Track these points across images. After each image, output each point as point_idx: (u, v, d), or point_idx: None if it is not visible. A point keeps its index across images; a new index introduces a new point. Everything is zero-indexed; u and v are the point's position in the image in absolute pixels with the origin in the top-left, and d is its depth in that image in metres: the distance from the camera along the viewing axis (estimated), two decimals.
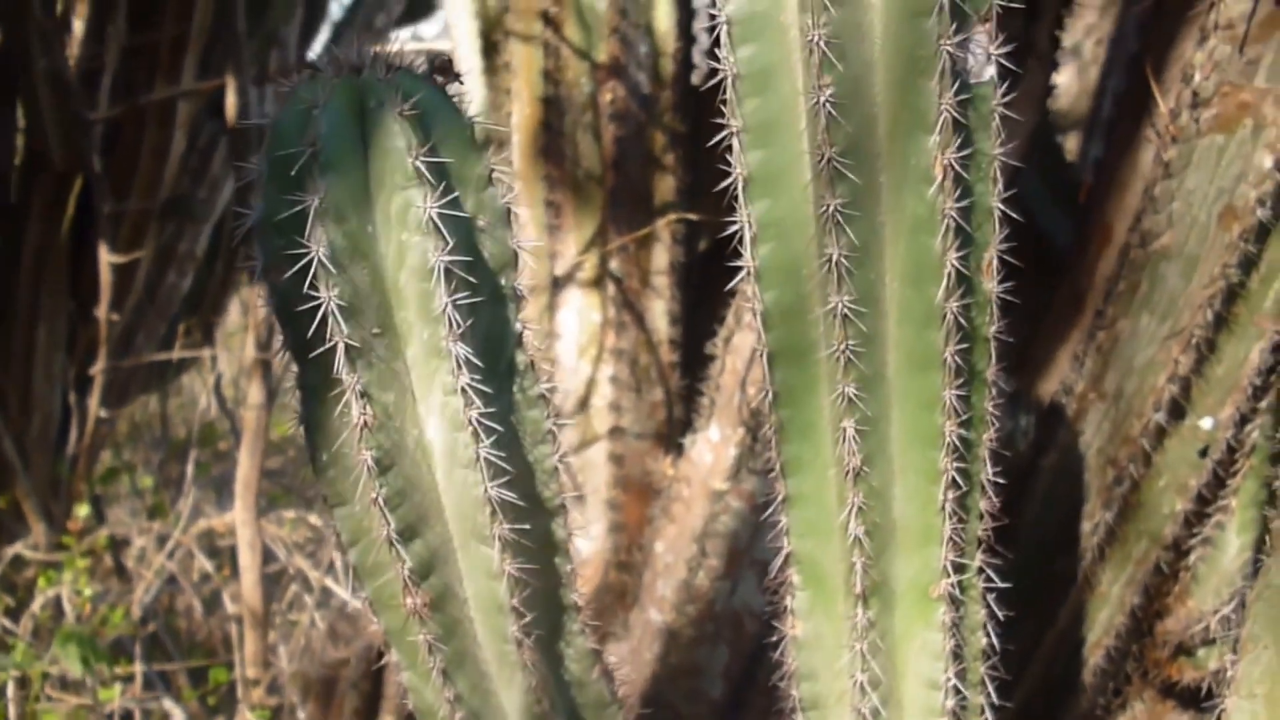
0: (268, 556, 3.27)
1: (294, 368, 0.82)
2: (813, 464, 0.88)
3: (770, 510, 0.92)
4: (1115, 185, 1.46)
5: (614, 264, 1.79)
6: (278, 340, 0.83)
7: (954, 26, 0.76)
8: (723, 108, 0.82)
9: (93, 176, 2.90)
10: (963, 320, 0.83)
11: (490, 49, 2.11)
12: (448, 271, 0.76)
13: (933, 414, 0.85)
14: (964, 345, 0.84)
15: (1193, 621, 1.51)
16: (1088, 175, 1.51)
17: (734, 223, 0.82)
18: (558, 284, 1.81)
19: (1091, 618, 1.57)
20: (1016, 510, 1.58)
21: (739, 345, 1.51)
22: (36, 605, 2.71)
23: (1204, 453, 1.48)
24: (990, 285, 0.86)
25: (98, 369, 3.17)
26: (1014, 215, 0.85)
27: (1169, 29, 1.34)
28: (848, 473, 0.86)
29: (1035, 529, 1.59)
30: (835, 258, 0.80)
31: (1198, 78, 1.32)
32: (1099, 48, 2.55)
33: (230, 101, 2.76)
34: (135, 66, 3.06)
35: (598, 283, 1.80)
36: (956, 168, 0.78)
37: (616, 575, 1.78)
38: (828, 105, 0.77)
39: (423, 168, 0.75)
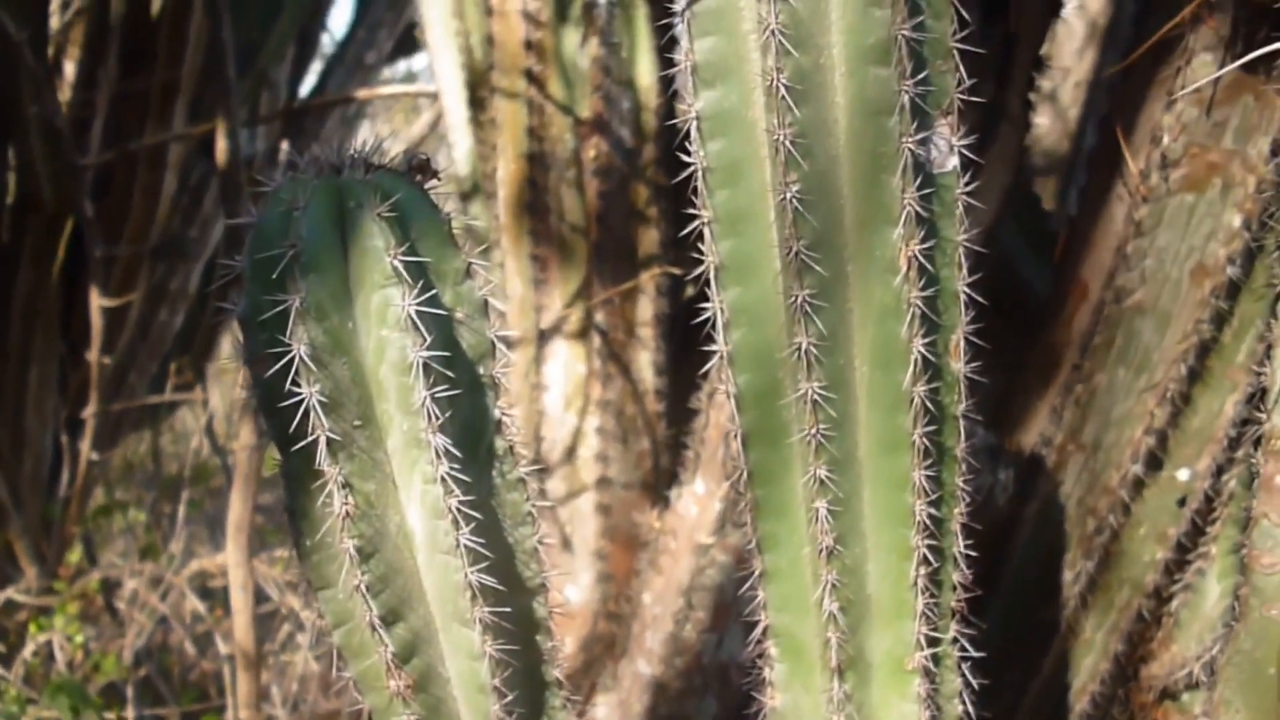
0: (260, 596, 3.27)
1: (278, 457, 0.83)
2: (788, 541, 0.90)
3: (749, 583, 0.94)
4: (1089, 242, 1.48)
5: (599, 316, 1.81)
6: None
7: (914, 125, 0.78)
8: (694, 199, 0.84)
9: (84, 221, 2.92)
10: (930, 403, 0.85)
11: (476, 102, 2.14)
12: (426, 366, 0.78)
13: (903, 493, 0.87)
14: (932, 427, 0.86)
15: (1176, 666, 1.52)
16: (1063, 231, 1.54)
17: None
18: (544, 336, 1.83)
19: (1076, 664, 1.59)
20: (999, 560, 1.60)
21: (723, 401, 1.53)
22: (28, 651, 2.71)
23: (1182, 502, 1.50)
24: (958, 366, 0.88)
25: (90, 412, 3.18)
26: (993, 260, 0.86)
27: (1137, 91, 1.37)
28: (821, 551, 0.88)
29: (1018, 578, 1.61)
30: (804, 346, 0.82)
31: (1166, 139, 1.35)
32: (1077, 90, 2.59)
33: (220, 146, 2.79)
34: (126, 110, 3.09)
35: (583, 335, 1.82)
36: (921, 259, 0.81)
37: (605, 625, 1.80)
38: (794, 200, 0.79)
39: (400, 266, 0.77)
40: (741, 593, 0.95)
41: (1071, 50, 2.61)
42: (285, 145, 3.85)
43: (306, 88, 3.87)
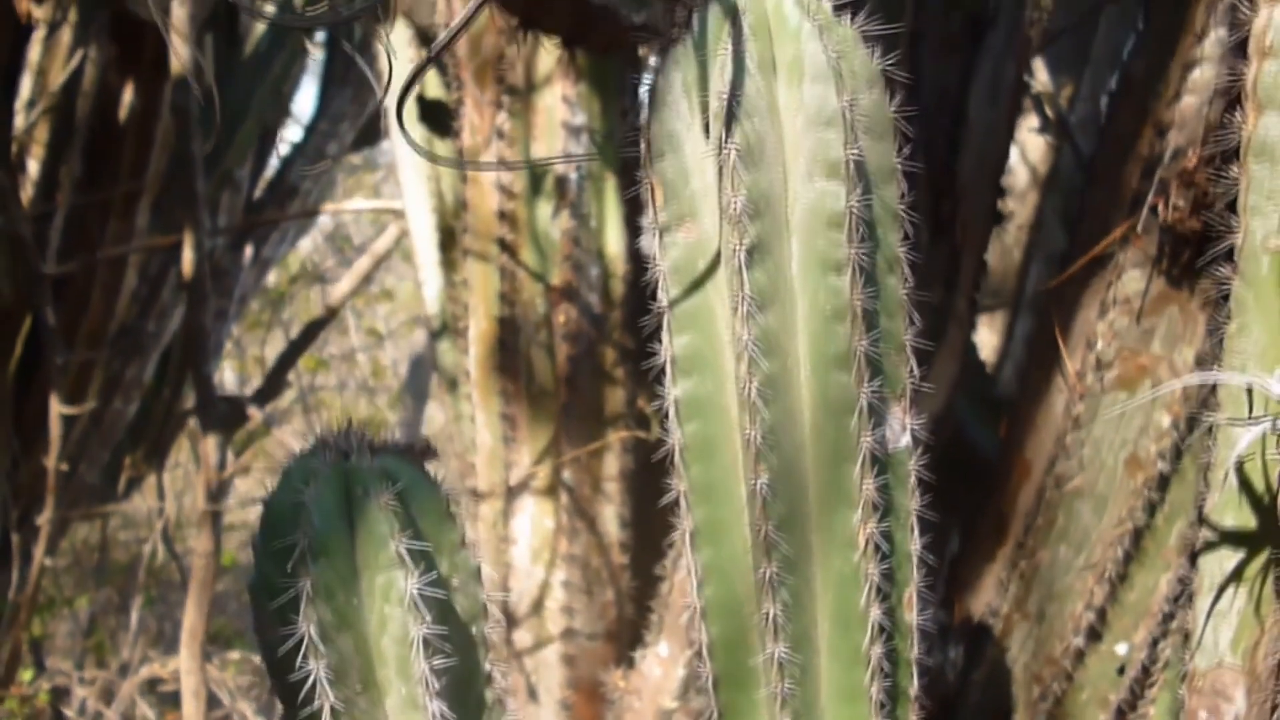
0: (212, 701, 3.27)
1: (282, 710, 0.89)
2: None
3: None
4: (1031, 425, 1.58)
5: (567, 473, 1.88)
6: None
7: (872, 423, 0.87)
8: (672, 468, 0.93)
9: (45, 328, 2.93)
10: (886, 661, 0.93)
11: (446, 245, 2.22)
12: (425, 641, 0.85)
13: None
14: (889, 680, 0.94)
15: None
16: (1006, 412, 1.64)
17: None
18: (512, 492, 1.89)
19: None
20: None
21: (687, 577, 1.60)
22: None
23: (1121, 670, 1.59)
24: (910, 617, 0.96)
25: (44, 518, 3.18)
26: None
27: (1073, 296, 1.48)
28: None
29: None
30: (772, 613, 0.90)
31: (1100, 344, 1.46)
32: (1021, 232, 2.72)
33: (186, 257, 2.84)
34: (89, 211, 3.11)
35: (551, 491, 1.89)
36: (877, 538, 0.89)
37: None
38: (763, 488, 0.87)
39: (404, 552, 0.84)
40: None
41: (1016, 195, 2.76)
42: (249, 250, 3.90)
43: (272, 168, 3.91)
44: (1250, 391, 0.85)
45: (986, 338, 2.62)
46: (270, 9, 2.87)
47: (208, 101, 3.24)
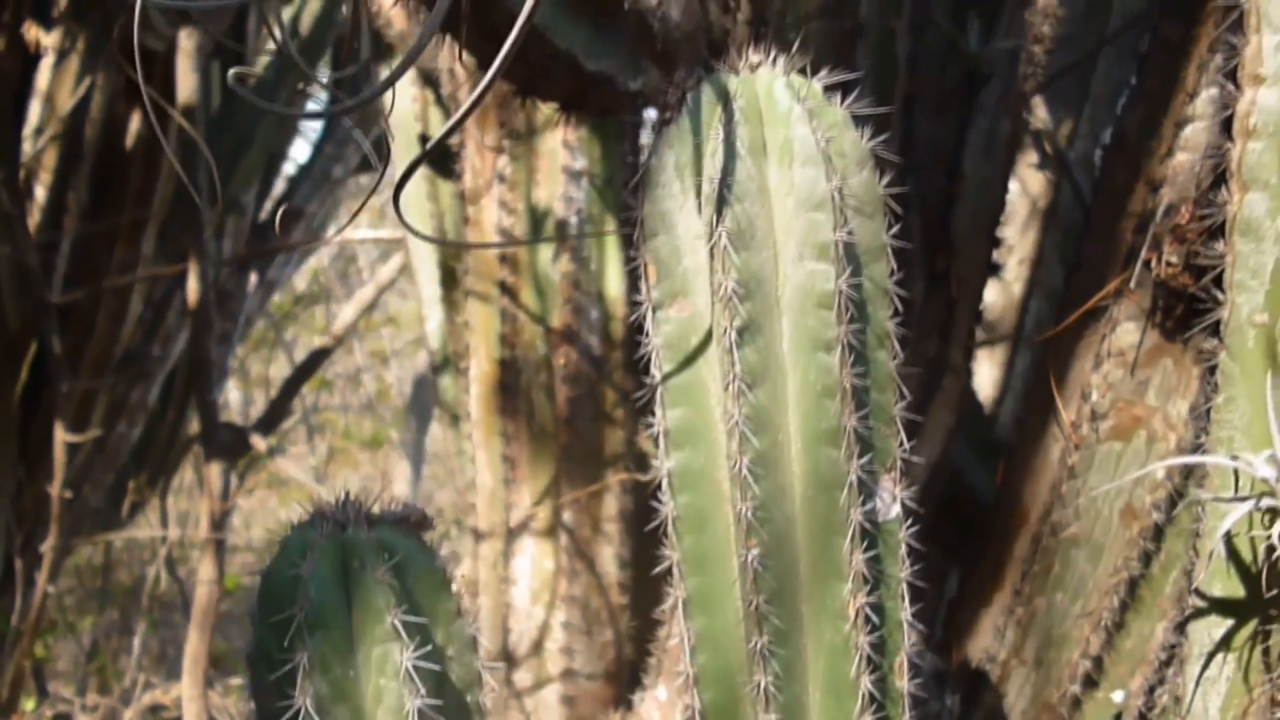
0: None
1: None
2: None
3: None
4: (1027, 473, 1.59)
5: (567, 514, 1.89)
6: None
7: (862, 498, 0.88)
8: (664, 539, 0.94)
9: (51, 356, 2.95)
10: None
11: (448, 282, 2.24)
12: (420, 713, 0.86)
13: None
14: None
15: None
16: (1003, 459, 1.65)
17: None
18: (513, 533, 1.90)
19: None
20: None
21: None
22: None
23: (1118, 717, 1.60)
24: (901, 684, 0.97)
25: (48, 545, 3.19)
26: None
27: (1068, 347, 1.49)
28: None
29: None
30: (764, 684, 0.91)
31: (1095, 396, 1.47)
32: (1021, 267, 2.73)
33: (191, 286, 2.86)
34: (95, 238, 3.13)
35: (551, 532, 1.90)
36: (868, 609, 0.90)
37: None
38: (754, 562, 0.88)
39: (399, 625, 0.85)
40: None
41: (1016, 229, 2.77)
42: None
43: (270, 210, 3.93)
44: (1237, 476, 0.86)
45: (987, 371, 2.63)
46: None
47: (214, 130, 3.27)
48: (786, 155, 0.84)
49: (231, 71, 0.83)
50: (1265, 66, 0.86)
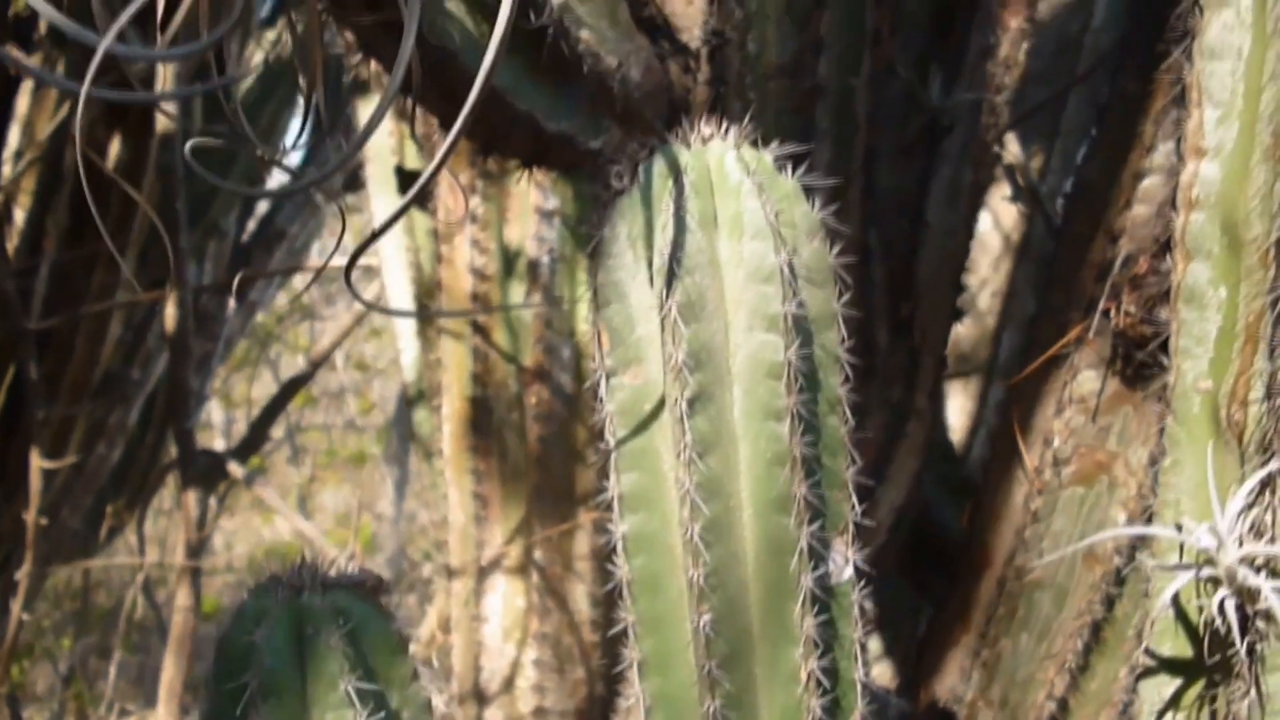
0: None
1: None
2: None
3: None
4: (993, 516, 1.61)
5: (538, 552, 1.90)
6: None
7: (813, 564, 0.89)
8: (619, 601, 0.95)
9: (27, 380, 2.94)
10: None
11: (424, 312, 2.24)
12: None
13: None
14: None
15: None
16: (970, 501, 1.67)
17: None
18: (484, 571, 1.91)
19: None
20: None
21: None
22: None
23: None
24: None
25: (23, 573, 3.18)
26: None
27: (1031, 395, 1.51)
28: None
29: None
30: None
31: (1057, 442, 1.48)
32: (994, 299, 2.76)
33: (170, 313, 2.86)
34: (74, 263, 3.12)
35: (522, 570, 1.90)
36: (819, 673, 0.91)
37: None
38: (706, 627, 0.89)
39: (353, 692, 0.86)
40: None
41: (989, 262, 2.79)
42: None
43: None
44: (1181, 545, 0.88)
45: (960, 403, 2.65)
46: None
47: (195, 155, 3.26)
48: (737, 228, 0.85)
49: (189, 143, 0.83)
50: (1206, 140, 0.88)
